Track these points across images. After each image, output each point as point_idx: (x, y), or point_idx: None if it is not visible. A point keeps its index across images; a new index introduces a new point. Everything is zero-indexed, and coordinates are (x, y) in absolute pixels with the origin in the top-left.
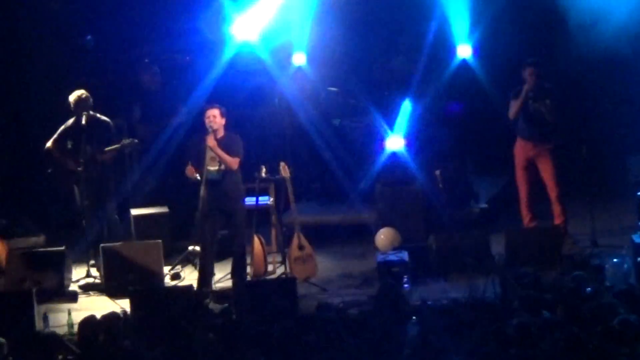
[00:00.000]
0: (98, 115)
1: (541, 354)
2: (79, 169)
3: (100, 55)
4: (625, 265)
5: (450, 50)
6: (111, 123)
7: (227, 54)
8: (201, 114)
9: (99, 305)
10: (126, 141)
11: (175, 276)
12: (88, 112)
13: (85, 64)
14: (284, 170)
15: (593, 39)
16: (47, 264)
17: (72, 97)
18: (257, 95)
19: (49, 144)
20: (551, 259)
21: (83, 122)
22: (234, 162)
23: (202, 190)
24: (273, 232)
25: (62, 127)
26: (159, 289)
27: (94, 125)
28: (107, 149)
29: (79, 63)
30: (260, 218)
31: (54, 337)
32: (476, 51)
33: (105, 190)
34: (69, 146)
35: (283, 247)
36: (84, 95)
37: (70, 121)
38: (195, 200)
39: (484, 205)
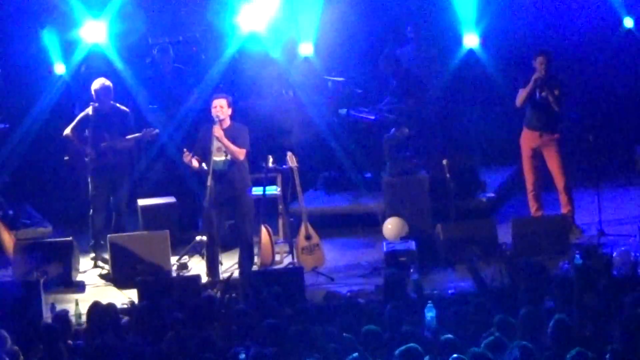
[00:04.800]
0: (118, 105)
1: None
2: (93, 155)
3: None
4: (633, 254)
5: (457, 39)
6: (130, 113)
7: (234, 45)
8: (208, 104)
9: (107, 296)
10: (147, 131)
11: (183, 266)
12: (109, 101)
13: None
14: (291, 160)
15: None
16: (55, 254)
17: (96, 85)
18: (264, 85)
19: (67, 131)
20: (559, 248)
21: (104, 110)
22: (240, 152)
23: (209, 180)
24: (280, 222)
25: (82, 114)
26: (166, 279)
27: (115, 114)
28: (128, 137)
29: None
30: (267, 208)
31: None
32: (483, 41)
33: (120, 180)
34: (87, 134)
35: (290, 237)
36: (107, 84)
37: (90, 109)
38: (202, 190)
39: (491, 195)
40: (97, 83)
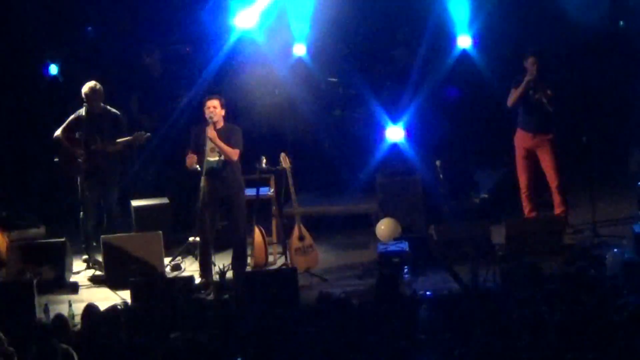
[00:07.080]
0: (109, 107)
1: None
2: (84, 158)
3: (99, 45)
4: (626, 256)
5: (451, 40)
6: (122, 116)
7: (228, 45)
8: (201, 104)
9: (100, 297)
10: (138, 134)
11: (176, 267)
12: (100, 104)
13: (84, 55)
14: (285, 161)
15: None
16: (48, 255)
17: (86, 88)
18: (258, 86)
19: (57, 132)
20: (552, 249)
21: (95, 113)
22: (233, 153)
23: (203, 181)
24: (274, 222)
25: (72, 117)
26: (159, 280)
27: (106, 117)
28: (119, 140)
29: (77, 54)
30: (260, 209)
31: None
32: (476, 41)
33: (110, 183)
34: (78, 136)
35: (284, 237)
36: (97, 87)
37: (82, 111)
38: (196, 191)
39: (484, 196)
40: (87, 86)
